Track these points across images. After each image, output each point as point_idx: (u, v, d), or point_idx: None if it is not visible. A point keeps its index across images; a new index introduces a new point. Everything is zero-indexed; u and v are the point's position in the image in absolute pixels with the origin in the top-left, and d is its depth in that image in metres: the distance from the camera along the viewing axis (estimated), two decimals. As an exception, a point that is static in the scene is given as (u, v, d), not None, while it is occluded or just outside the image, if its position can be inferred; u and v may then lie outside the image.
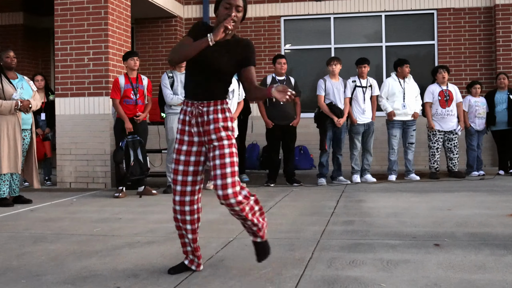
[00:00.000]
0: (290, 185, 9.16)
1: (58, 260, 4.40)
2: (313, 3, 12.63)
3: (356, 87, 9.47)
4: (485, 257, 4.24)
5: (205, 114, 3.77)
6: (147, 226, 5.82)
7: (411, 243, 4.76)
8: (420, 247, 4.59)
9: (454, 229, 5.34)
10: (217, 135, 3.74)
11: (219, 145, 3.72)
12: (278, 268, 4.05)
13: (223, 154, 3.70)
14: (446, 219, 5.87)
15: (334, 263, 4.14)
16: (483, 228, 5.34)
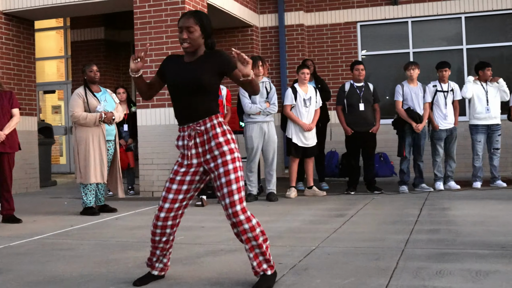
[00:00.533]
0: (371, 193, 9.04)
1: (144, 268, 4.48)
2: (390, 7, 12.45)
3: (437, 92, 9.25)
4: None
5: (204, 132, 3.80)
6: (229, 234, 5.84)
7: (500, 253, 4.59)
8: (510, 258, 4.42)
9: (546, 237, 5.13)
10: (219, 150, 3.76)
11: (223, 161, 3.74)
12: (362, 278, 3.99)
13: (228, 171, 3.72)
14: (537, 227, 5.65)
15: (420, 273, 4.05)
16: None
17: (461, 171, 11.06)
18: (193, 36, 3.82)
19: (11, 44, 10.77)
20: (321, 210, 7.44)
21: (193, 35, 3.82)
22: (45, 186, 11.79)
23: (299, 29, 12.72)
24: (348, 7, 12.70)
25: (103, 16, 13.86)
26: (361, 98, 9.10)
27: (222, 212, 7.45)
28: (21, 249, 5.42)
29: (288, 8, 12.76)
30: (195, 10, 3.99)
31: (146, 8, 9.66)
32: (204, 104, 3.82)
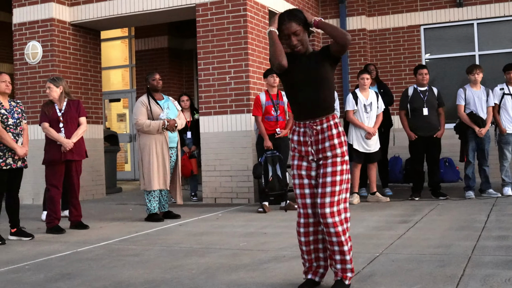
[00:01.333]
0: (436, 199, 8.86)
1: (208, 273, 4.53)
2: (454, 9, 12.20)
3: (505, 95, 9.00)
4: None
5: (320, 132, 3.83)
6: (292, 241, 5.84)
7: None
8: None
9: None
10: (332, 153, 3.80)
11: (333, 161, 3.79)
12: (429, 285, 3.92)
13: (335, 172, 3.76)
14: None
15: (488, 281, 3.94)
16: None
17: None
18: (301, 38, 3.89)
19: (79, 54, 11.09)
20: (384, 216, 7.34)
21: (301, 37, 3.89)
22: (111, 193, 12.05)
23: (361, 34, 12.62)
24: (411, 10, 12.52)
25: (167, 25, 14.10)
26: (425, 102, 8.94)
27: (285, 218, 7.53)
28: (89, 255, 5.56)
29: (350, 13, 12.67)
30: (288, 11, 3.96)
31: (208, 16, 9.78)
32: (323, 101, 3.83)
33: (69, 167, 7.30)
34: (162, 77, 8.29)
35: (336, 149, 3.79)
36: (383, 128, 9.76)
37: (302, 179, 3.89)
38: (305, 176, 3.88)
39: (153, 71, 8.73)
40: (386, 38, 12.65)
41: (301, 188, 3.88)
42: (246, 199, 9.45)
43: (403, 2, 12.57)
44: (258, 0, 9.95)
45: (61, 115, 7.20)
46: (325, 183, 3.75)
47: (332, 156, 3.79)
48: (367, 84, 8.88)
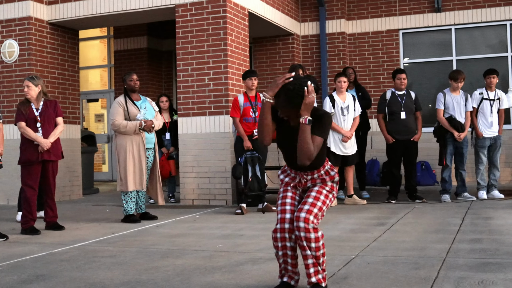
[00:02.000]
0: (412, 202, 8.93)
1: (184, 275, 4.52)
2: (433, 14, 12.31)
3: (483, 100, 9.10)
4: None
5: (309, 181, 3.93)
6: (269, 243, 5.83)
7: (546, 263, 4.49)
8: (556, 268, 4.32)
9: None
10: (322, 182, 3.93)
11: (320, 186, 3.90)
12: (403, 287, 3.94)
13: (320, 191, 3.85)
14: None
15: (462, 283, 3.98)
16: None
17: (505, 180, 10.84)
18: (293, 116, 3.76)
19: (56, 53, 11.00)
20: (361, 218, 7.38)
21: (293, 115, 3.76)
22: (88, 193, 11.97)
23: (341, 37, 12.68)
24: (390, 14, 12.61)
25: (146, 25, 14.05)
26: (403, 106, 9.01)
27: (262, 220, 7.52)
28: (63, 256, 5.51)
29: (329, 16, 12.72)
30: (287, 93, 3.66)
31: (188, 17, 9.76)
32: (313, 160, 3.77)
33: (46, 168, 7.23)
34: (141, 77, 8.26)
35: (326, 182, 3.92)
36: (360, 131, 9.82)
37: (286, 186, 3.99)
38: (290, 190, 3.97)
39: (131, 71, 8.66)
40: (365, 42, 12.73)
41: (284, 196, 3.95)
42: (224, 201, 9.44)
43: (382, 7, 12.66)
44: (238, 1, 9.96)
45: (38, 115, 7.13)
46: (309, 196, 3.84)
47: (321, 182, 3.92)
48: (344, 87, 8.92)
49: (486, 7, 11.99)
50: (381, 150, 9.90)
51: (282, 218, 3.86)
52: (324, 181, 3.92)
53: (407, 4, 12.50)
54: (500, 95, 9.20)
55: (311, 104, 3.64)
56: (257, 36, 12.69)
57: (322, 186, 3.89)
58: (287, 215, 3.85)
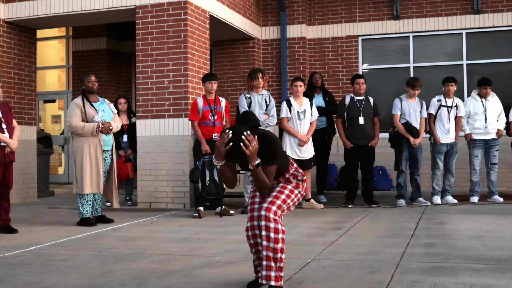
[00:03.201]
0: (368, 206, 9.03)
1: (139, 279, 4.48)
2: (391, 22, 12.49)
3: (441, 107, 9.26)
4: None
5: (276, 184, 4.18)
6: (226, 246, 5.86)
7: (495, 267, 4.58)
8: (505, 272, 4.42)
9: (542, 253, 5.12)
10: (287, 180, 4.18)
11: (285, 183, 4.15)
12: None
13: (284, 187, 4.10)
14: (534, 242, 5.64)
15: (415, 287, 4.04)
16: None
17: (459, 185, 11.04)
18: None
19: (12, 53, 10.80)
20: (318, 222, 7.43)
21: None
22: (43, 196, 11.77)
23: (301, 42, 12.76)
24: (350, 21, 12.74)
25: (105, 26, 13.90)
26: (361, 111, 9.11)
27: (219, 224, 7.51)
28: (16, 260, 5.41)
29: (290, 21, 12.80)
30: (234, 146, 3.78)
31: (148, 18, 9.70)
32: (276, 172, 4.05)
33: (7, 169, 7.12)
34: (100, 79, 8.17)
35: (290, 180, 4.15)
36: (326, 135, 9.91)
37: (255, 192, 4.20)
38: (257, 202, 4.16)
39: (89, 72, 8.57)
40: (325, 47, 12.83)
41: (253, 196, 4.19)
42: (182, 204, 9.40)
43: (342, 13, 12.79)
44: (199, 4, 9.94)
45: (1, 116, 7.02)
46: (273, 190, 4.07)
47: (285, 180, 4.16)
48: (301, 92, 8.97)
49: (443, 15, 12.22)
50: (339, 155, 10.00)
51: (251, 216, 4.12)
52: (288, 179, 4.15)
53: (366, 11, 12.66)
54: (457, 102, 9.37)
55: (254, 153, 3.79)
56: (218, 39, 12.68)
57: (286, 183, 4.13)
58: (255, 213, 4.10)
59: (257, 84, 8.63)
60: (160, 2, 9.64)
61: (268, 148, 3.90)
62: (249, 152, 3.74)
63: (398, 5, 12.31)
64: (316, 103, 9.97)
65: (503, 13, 11.95)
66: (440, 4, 12.26)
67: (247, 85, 8.79)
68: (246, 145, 3.73)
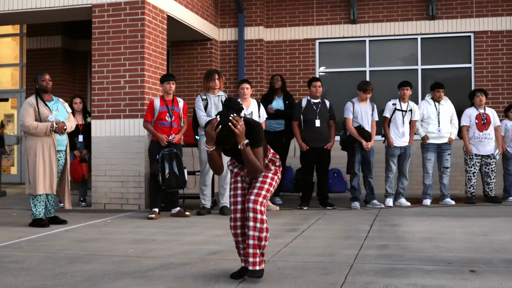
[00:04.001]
0: (323, 208, 9.11)
1: (92, 281, 4.43)
2: (348, 26, 12.64)
3: (396, 110, 9.40)
4: (523, 284, 4.15)
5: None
6: (181, 248, 5.84)
7: (446, 269, 4.68)
8: (455, 273, 4.52)
9: (490, 255, 5.24)
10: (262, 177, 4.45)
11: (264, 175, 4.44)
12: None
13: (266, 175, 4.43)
14: (482, 244, 5.77)
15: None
16: (521, 255, 5.24)
17: (412, 188, 11.24)
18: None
19: (-36, 50, 10.57)
20: (273, 224, 7.44)
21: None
22: (-5, 196, 11.54)
23: (259, 44, 12.80)
24: (307, 24, 12.84)
25: (61, 24, 13.69)
26: (318, 114, 9.18)
27: (174, 225, 7.48)
28: (-34, 260, 5.30)
29: (248, 23, 12.83)
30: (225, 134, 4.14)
31: (105, 18, 9.60)
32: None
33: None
34: (55, 78, 8.04)
35: (270, 167, 4.49)
36: (284, 138, 9.95)
37: (237, 183, 4.53)
38: (240, 181, 4.53)
39: (43, 71, 8.42)
40: (282, 50, 12.90)
41: (235, 187, 4.51)
42: (137, 205, 9.33)
43: (300, 16, 12.88)
44: (157, 4, 9.88)
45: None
46: (257, 181, 4.40)
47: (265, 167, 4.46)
48: (247, 94, 8.98)
49: (399, 20, 12.42)
50: (295, 157, 10.06)
51: (234, 209, 4.46)
52: (268, 166, 4.48)
53: (324, 14, 12.77)
54: (412, 106, 9.52)
55: (242, 132, 4.14)
56: (175, 40, 12.63)
57: (267, 171, 4.45)
58: (238, 206, 4.45)
59: (213, 85, 8.62)
60: (117, 1, 9.55)
61: (253, 131, 4.24)
62: (238, 130, 4.10)
63: (355, 10, 12.46)
64: (276, 105, 10.02)
65: (457, 19, 12.22)
66: (396, 9, 12.47)
67: (204, 86, 8.77)
68: (234, 124, 4.09)
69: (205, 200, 8.65)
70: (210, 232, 6.90)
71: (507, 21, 12.06)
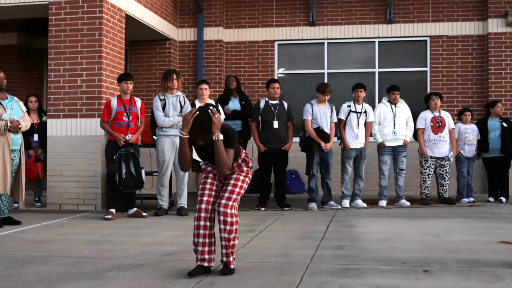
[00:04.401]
0: (281, 209, 9.15)
1: (46, 283, 4.37)
2: (307, 28, 12.73)
3: (351, 112, 9.51)
4: (474, 283, 4.25)
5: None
6: (137, 249, 5.80)
7: (400, 269, 4.76)
8: (409, 273, 4.59)
9: (443, 255, 5.34)
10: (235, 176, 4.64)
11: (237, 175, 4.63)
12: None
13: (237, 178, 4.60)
14: (436, 245, 5.88)
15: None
16: (472, 255, 5.35)
17: (368, 189, 11.38)
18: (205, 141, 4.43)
19: None
20: (231, 225, 7.45)
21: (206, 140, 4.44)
22: None
23: (218, 45, 12.79)
24: (267, 25, 12.89)
25: (16, 21, 13.43)
26: (276, 115, 9.22)
27: (131, 226, 7.42)
28: None
29: (207, 23, 12.81)
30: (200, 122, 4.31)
31: (62, 15, 9.46)
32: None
33: None
34: (10, 76, 7.89)
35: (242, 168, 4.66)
36: (241, 139, 9.95)
37: (208, 174, 4.66)
38: (211, 177, 4.65)
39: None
40: (241, 51, 12.92)
41: (204, 183, 4.62)
42: (93, 206, 9.22)
43: (259, 17, 12.92)
44: (115, 3, 9.78)
45: None
46: (228, 184, 4.57)
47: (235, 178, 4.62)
48: (206, 94, 9.01)
49: (358, 24, 12.56)
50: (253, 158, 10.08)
51: (199, 208, 4.54)
52: (240, 166, 4.64)
53: (283, 16, 12.84)
54: (367, 108, 9.65)
55: (219, 123, 4.33)
56: (134, 39, 12.53)
57: (239, 173, 4.62)
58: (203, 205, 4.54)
59: (171, 85, 8.58)
60: (75, -1, 9.44)
61: (228, 135, 4.43)
62: (215, 119, 4.28)
63: (314, 12, 12.56)
64: (232, 106, 10.04)
65: (414, 23, 12.43)
66: (355, 12, 12.61)
67: (162, 86, 8.72)
68: (213, 112, 4.29)
69: (163, 201, 8.61)
70: (167, 232, 6.87)
71: (463, 26, 12.32)
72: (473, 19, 12.30)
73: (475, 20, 12.28)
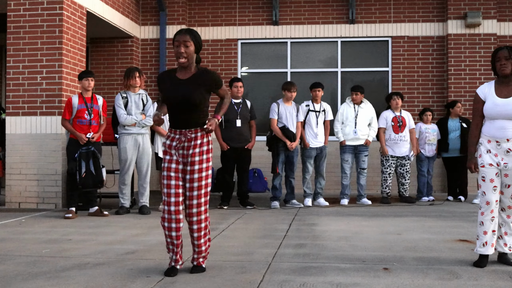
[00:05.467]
0: (243, 208, 9.16)
1: (3, 282, 4.29)
2: (270, 27, 12.75)
3: (310, 111, 9.56)
4: (432, 281, 4.31)
5: (193, 139, 4.48)
6: (97, 248, 5.73)
7: (360, 267, 4.80)
8: (369, 271, 4.64)
9: (403, 253, 5.42)
10: (199, 158, 4.47)
11: (199, 168, 4.47)
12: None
13: (200, 178, 4.48)
14: (396, 243, 5.96)
15: (284, 286, 4.15)
16: (431, 253, 5.43)
17: (330, 188, 11.47)
18: (189, 52, 4.44)
19: None
20: (193, 224, 7.43)
21: (189, 51, 4.44)
22: None
23: (180, 43, 12.69)
24: (230, 24, 12.87)
25: (-26, 17, 13.20)
26: (239, 114, 9.22)
27: (91, 224, 7.35)
28: None
29: (170, 22, 12.74)
30: (189, 28, 4.54)
31: (21, 11, 9.31)
32: (196, 118, 4.49)
33: None
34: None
35: (203, 154, 4.49)
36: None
37: (170, 179, 4.47)
38: (173, 177, 4.48)
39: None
40: (204, 49, 12.87)
41: (168, 188, 4.47)
42: (53, 204, 9.10)
43: (222, 16, 12.89)
44: (76, 0, 9.66)
45: None
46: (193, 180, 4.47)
47: (199, 161, 4.46)
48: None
49: (320, 23, 12.63)
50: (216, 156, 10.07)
51: (168, 211, 4.45)
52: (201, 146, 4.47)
53: (246, 15, 12.84)
54: (325, 107, 9.71)
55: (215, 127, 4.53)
56: (95, 36, 12.39)
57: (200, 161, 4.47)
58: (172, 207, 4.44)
59: (133, 83, 8.52)
60: (35, -6, 9.29)
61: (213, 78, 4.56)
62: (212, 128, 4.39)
63: (277, 11, 12.59)
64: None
65: (376, 24, 12.55)
66: (318, 12, 12.68)
67: (124, 84, 8.64)
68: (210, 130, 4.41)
69: (124, 199, 8.54)
70: (128, 231, 6.82)
71: (423, 27, 12.49)
72: (434, 20, 12.48)
73: (435, 21, 12.47)
